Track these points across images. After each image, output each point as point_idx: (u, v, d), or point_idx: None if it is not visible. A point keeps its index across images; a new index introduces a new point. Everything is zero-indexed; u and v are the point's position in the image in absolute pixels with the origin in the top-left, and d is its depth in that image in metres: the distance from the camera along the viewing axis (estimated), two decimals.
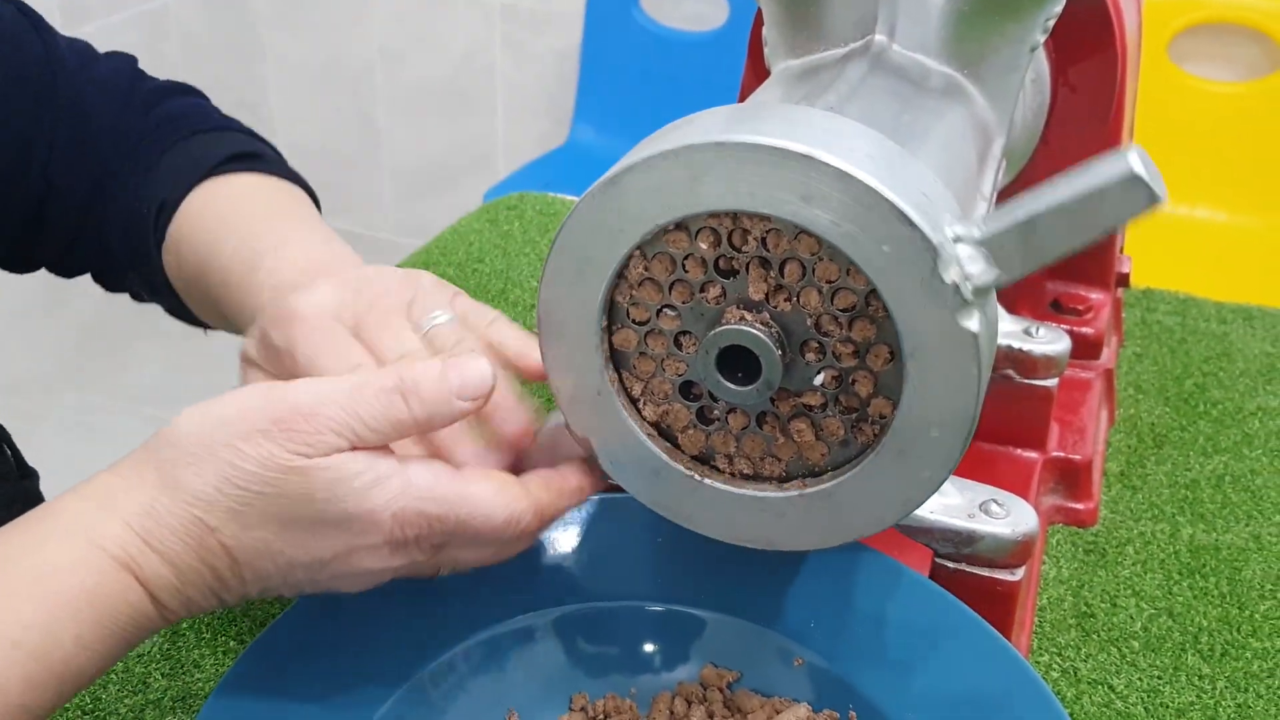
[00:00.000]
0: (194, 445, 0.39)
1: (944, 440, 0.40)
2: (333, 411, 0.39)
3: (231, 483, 0.39)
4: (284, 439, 0.39)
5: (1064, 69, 0.64)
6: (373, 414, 0.40)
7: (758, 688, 0.51)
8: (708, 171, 0.39)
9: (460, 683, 0.46)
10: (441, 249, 0.94)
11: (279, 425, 0.39)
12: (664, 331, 0.44)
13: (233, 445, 0.39)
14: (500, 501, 0.42)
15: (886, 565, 0.51)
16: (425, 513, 0.41)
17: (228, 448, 0.39)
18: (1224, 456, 0.72)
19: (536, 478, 0.45)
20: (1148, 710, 0.55)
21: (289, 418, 0.39)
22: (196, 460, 0.39)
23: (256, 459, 0.39)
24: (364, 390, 0.40)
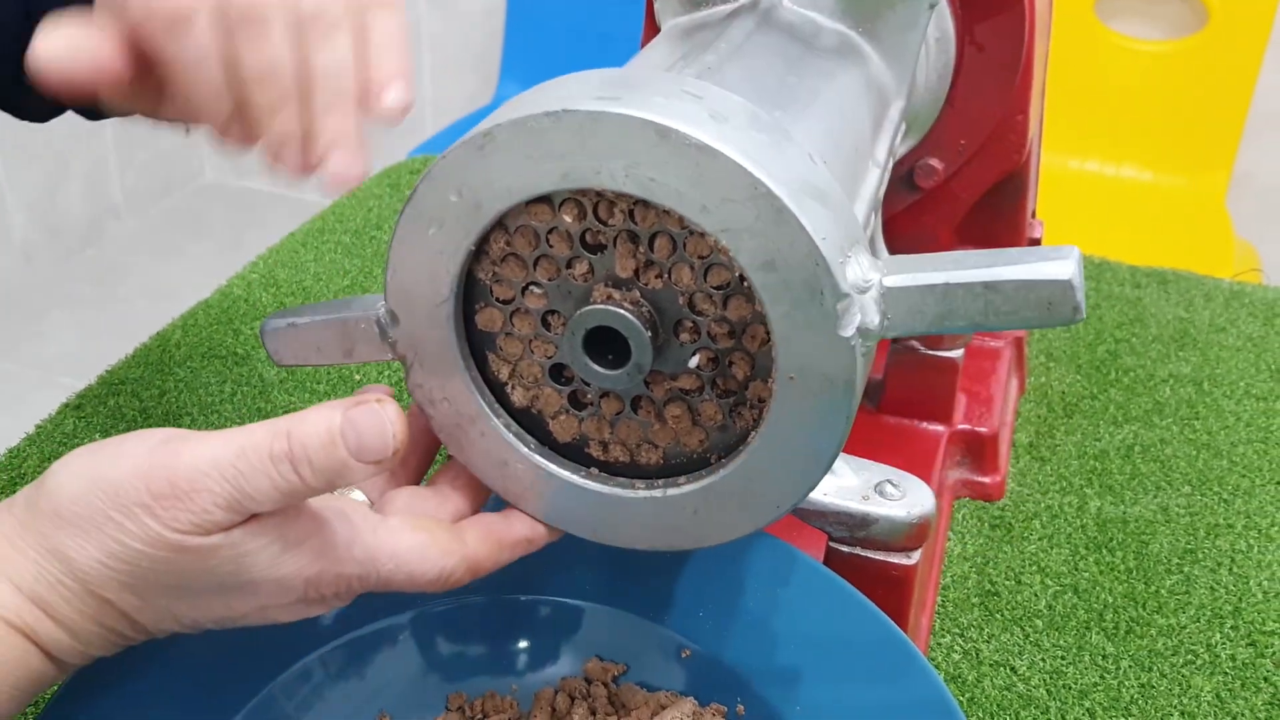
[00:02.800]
0: (75, 514, 0.35)
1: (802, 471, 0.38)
2: (216, 485, 0.35)
3: (118, 559, 0.35)
4: (168, 517, 0.34)
5: (970, 27, 0.62)
6: (259, 487, 0.35)
7: (644, 681, 0.48)
8: (570, 143, 0.36)
9: (318, 691, 0.43)
10: (338, 215, 0.90)
11: (160, 502, 0.34)
12: (530, 311, 0.41)
13: (114, 519, 0.35)
14: (429, 556, 0.39)
15: (779, 550, 0.48)
16: (343, 574, 0.38)
17: (110, 522, 0.35)
18: (1134, 425, 0.70)
19: (476, 527, 0.41)
20: (1050, 693, 0.54)
21: (169, 494, 0.34)
22: (80, 531, 0.35)
23: (141, 537, 0.35)
24: (250, 458, 0.35)
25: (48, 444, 0.68)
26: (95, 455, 0.36)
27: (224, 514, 0.35)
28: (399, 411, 0.36)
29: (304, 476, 0.35)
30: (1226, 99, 1.72)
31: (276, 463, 0.35)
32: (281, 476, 0.35)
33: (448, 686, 0.48)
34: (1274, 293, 0.86)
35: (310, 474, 0.35)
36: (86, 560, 0.35)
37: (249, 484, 0.35)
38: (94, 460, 0.36)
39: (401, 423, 0.36)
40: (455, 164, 0.37)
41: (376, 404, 0.36)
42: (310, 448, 0.35)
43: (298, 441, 0.35)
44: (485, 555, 0.41)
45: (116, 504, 0.35)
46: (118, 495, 0.35)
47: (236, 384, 0.73)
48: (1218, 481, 0.67)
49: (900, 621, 0.49)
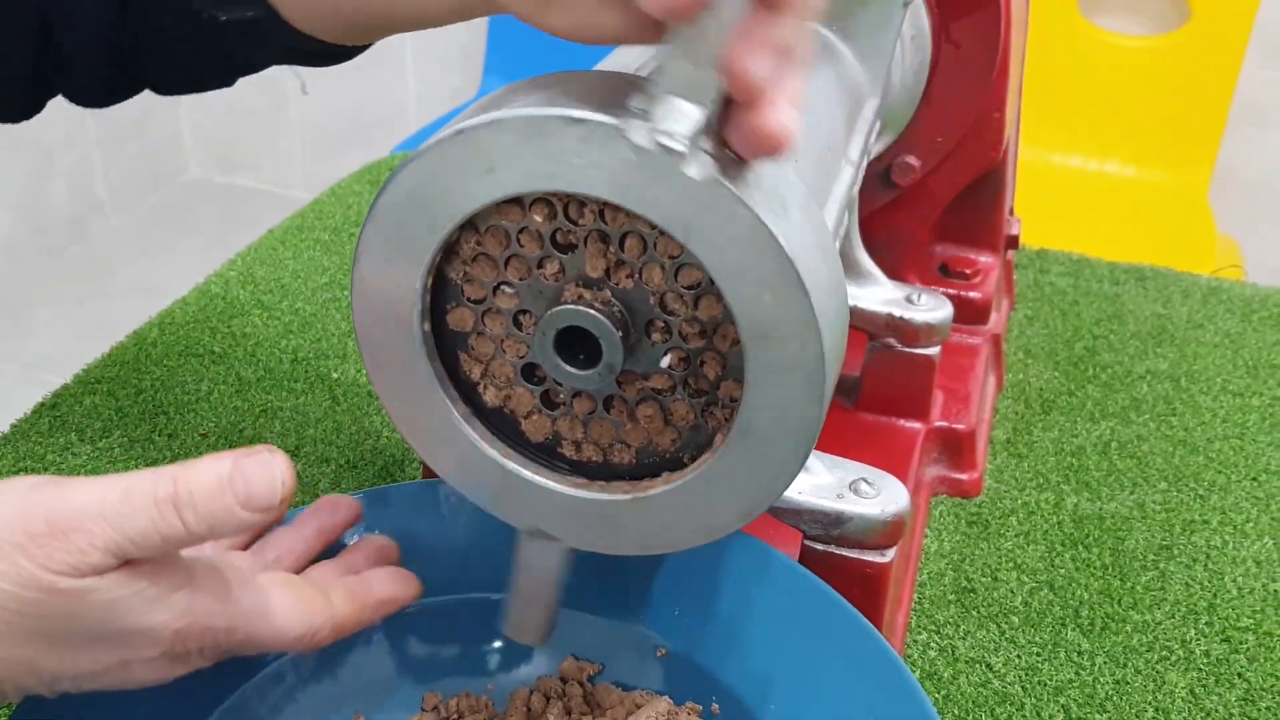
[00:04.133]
0: None
1: (775, 468, 0.38)
2: (96, 526, 0.34)
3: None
4: (42, 556, 0.34)
5: (946, 25, 0.62)
6: (141, 529, 0.34)
7: (620, 680, 0.48)
8: (529, 148, 0.35)
9: (290, 693, 0.43)
10: (318, 213, 0.90)
11: (35, 541, 0.34)
12: (502, 311, 0.41)
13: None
14: (295, 615, 0.39)
15: (754, 549, 0.48)
16: (212, 627, 0.37)
17: None
18: (1111, 422, 0.71)
19: (340, 588, 0.42)
20: (1025, 689, 0.54)
21: (45, 534, 0.34)
22: None
23: (13, 578, 0.34)
24: (133, 500, 0.34)
25: (23, 443, 0.67)
26: None
27: (101, 556, 0.34)
28: (288, 465, 0.36)
29: (187, 521, 0.35)
30: (1209, 94, 1.72)
31: (160, 506, 0.34)
32: (164, 519, 0.34)
33: (422, 687, 0.48)
34: (1251, 289, 0.86)
35: (194, 519, 0.35)
36: None
37: (130, 526, 0.34)
38: None
39: (290, 475, 0.36)
40: (411, 177, 0.37)
41: (268, 455, 0.36)
42: (196, 491, 0.35)
43: (184, 485, 0.35)
44: (349, 615, 0.42)
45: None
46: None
47: (214, 382, 0.73)
48: (1194, 478, 0.67)
49: (875, 619, 0.49)
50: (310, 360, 0.75)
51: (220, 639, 0.38)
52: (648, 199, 0.35)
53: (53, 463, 0.66)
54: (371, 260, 0.39)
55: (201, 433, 0.69)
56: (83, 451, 0.67)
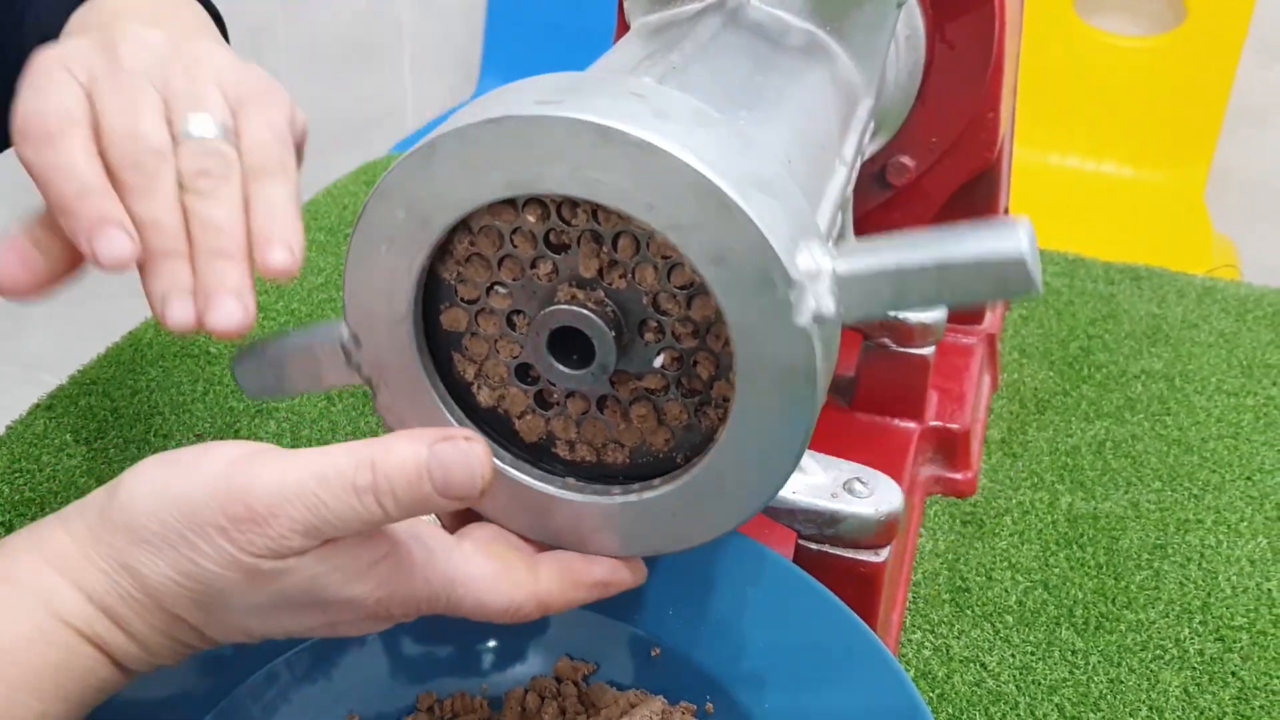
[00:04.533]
0: (148, 529, 0.35)
1: (765, 471, 0.38)
2: (295, 511, 0.34)
3: (192, 577, 0.35)
4: (244, 541, 0.34)
5: (940, 25, 0.62)
6: (341, 514, 0.34)
7: (614, 680, 0.48)
8: (511, 150, 0.35)
9: (285, 693, 0.43)
10: (313, 213, 0.90)
11: (236, 525, 0.34)
12: (495, 311, 0.41)
13: (188, 539, 0.34)
14: (500, 588, 0.39)
15: (748, 549, 0.48)
16: (413, 596, 0.37)
17: (183, 540, 0.34)
18: (1106, 421, 0.71)
19: (553, 563, 0.41)
20: (1019, 688, 0.54)
21: (246, 518, 0.34)
22: (152, 548, 0.35)
23: (215, 559, 0.34)
24: (331, 486, 0.35)
25: (17, 444, 0.67)
26: (171, 468, 0.36)
27: (301, 540, 0.34)
28: (486, 450, 0.36)
29: (386, 508, 0.35)
30: (1205, 95, 1.73)
31: (360, 494, 0.34)
32: (364, 507, 0.34)
33: (417, 687, 0.48)
34: (1246, 289, 0.86)
35: (393, 506, 0.35)
36: (158, 577, 0.35)
37: (330, 512, 0.34)
38: (169, 474, 0.35)
39: (489, 461, 0.36)
40: (401, 179, 0.37)
41: (465, 441, 0.36)
42: (395, 481, 0.35)
43: (383, 474, 0.35)
44: (558, 593, 0.40)
45: (191, 524, 0.34)
46: (193, 515, 0.34)
47: (209, 383, 0.73)
48: (1188, 477, 0.67)
49: (869, 618, 0.49)
50: None
51: (422, 606, 0.38)
52: (650, 207, 0.35)
53: (48, 464, 0.66)
54: (364, 260, 0.39)
55: (197, 434, 0.69)
56: (78, 453, 0.67)
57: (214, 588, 0.35)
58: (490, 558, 0.39)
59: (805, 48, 0.50)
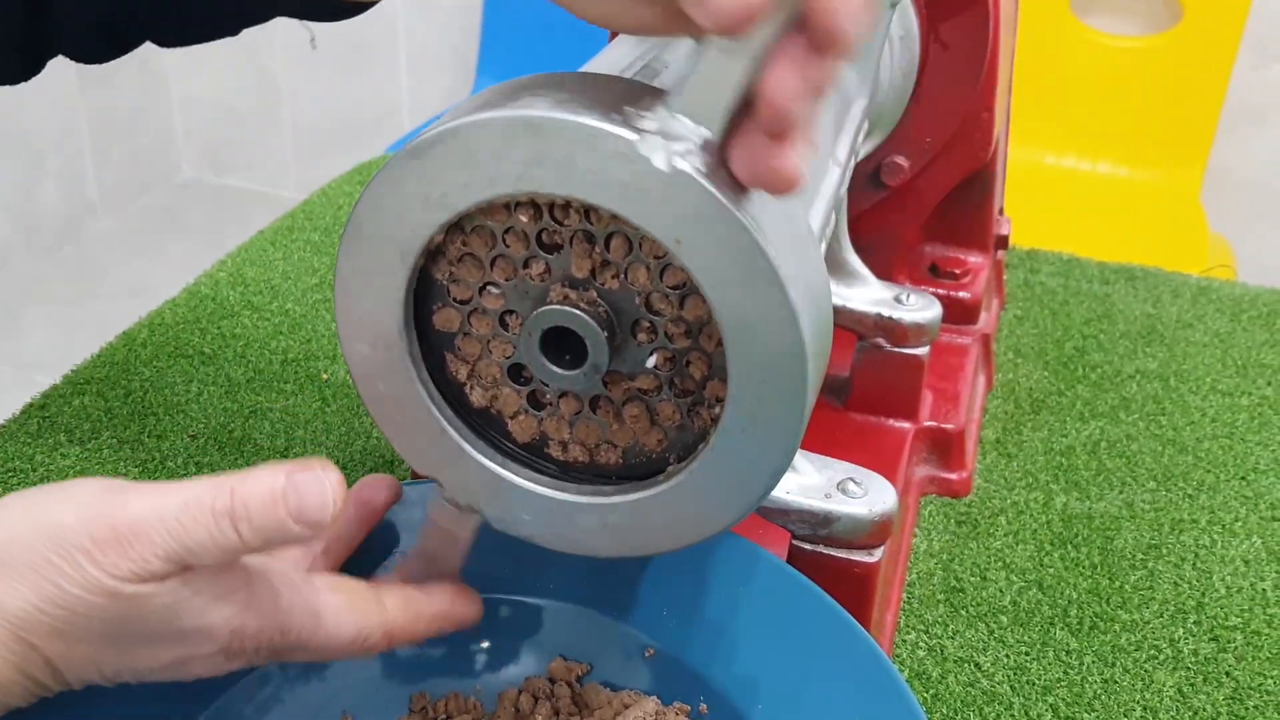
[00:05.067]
0: (11, 555, 0.36)
1: (759, 469, 0.38)
2: (158, 536, 0.35)
3: (53, 602, 0.35)
4: (108, 563, 0.35)
5: (935, 25, 0.62)
6: (200, 540, 0.36)
7: (608, 681, 0.48)
8: (514, 148, 0.35)
9: (277, 694, 0.43)
10: (308, 213, 0.90)
11: (100, 547, 0.35)
12: (488, 311, 0.40)
13: (52, 563, 0.35)
14: (348, 619, 0.40)
15: (742, 549, 0.48)
16: (265, 627, 0.38)
17: (49, 565, 0.35)
18: (1100, 421, 0.71)
19: (396, 595, 0.42)
20: (1014, 688, 0.54)
21: (109, 540, 0.35)
22: (15, 574, 0.35)
23: (79, 581, 0.35)
24: (192, 511, 0.36)
25: (11, 444, 0.67)
26: (37, 498, 0.37)
27: (162, 564, 0.35)
28: (340, 480, 0.37)
29: (242, 533, 0.36)
30: (1201, 94, 1.73)
31: (218, 518, 0.36)
32: (221, 532, 0.36)
33: (410, 687, 0.47)
34: (1241, 289, 0.86)
35: (249, 531, 0.36)
36: (19, 603, 0.35)
37: (189, 537, 0.36)
38: (34, 502, 0.36)
39: (341, 491, 0.37)
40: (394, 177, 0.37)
41: (320, 470, 0.37)
42: (251, 506, 0.36)
43: (240, 499, 0.36)
44: (403, 624, 0.42)
45: (58, 547, 0.35)
46: (60, 539, 0.35)
47: (203, 383, 0.73)
48: (1182, 477, 0.67)
49: (863, 618, 0.49)
50: (300, 361, 0.75)
51: (275, 640, 0.39)
52: (644, 210, 0.35)
53: (41, 464, 0.66)
54: (355, 261, 0.39)
55: (191, 434, 0.69)
56: (71, 453, 0.67)
57: (75, 613, 0.35)
58: (338, 591, 0.40)
59: None
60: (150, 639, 0.37)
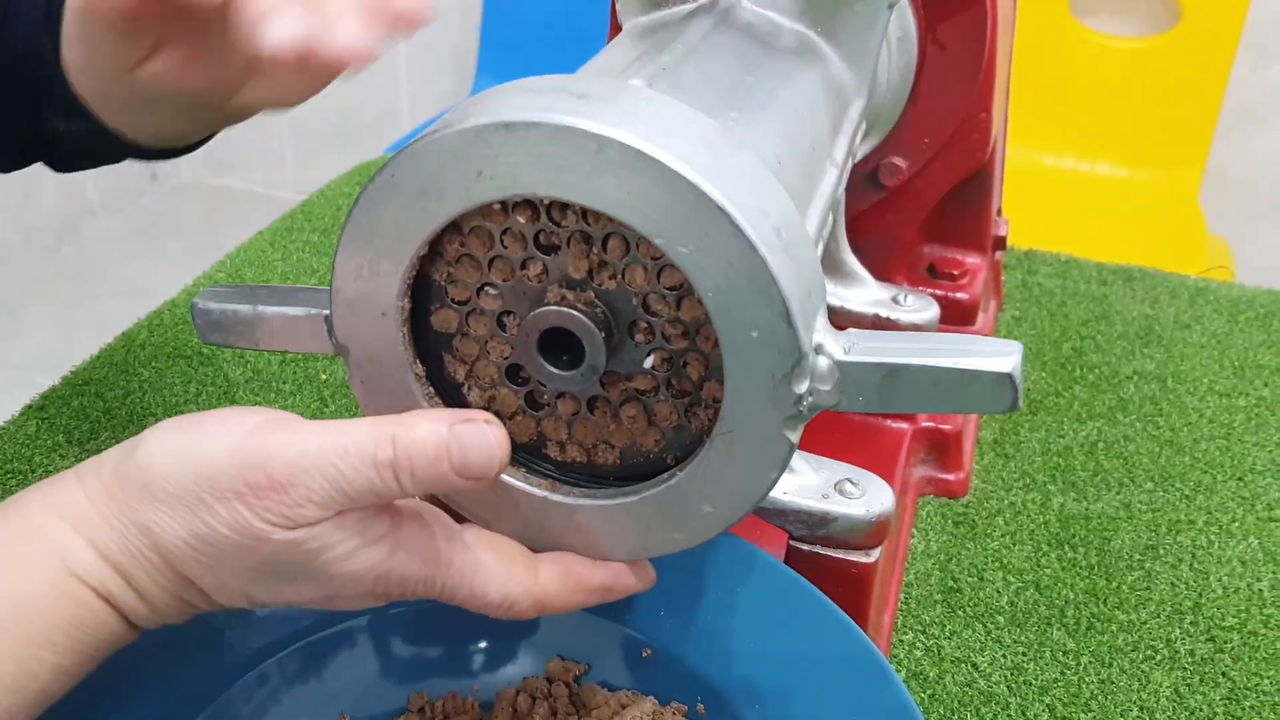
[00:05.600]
0: (165, 490, 0.35)
1: (718, 517, 0.39)
2: (314, 482, 0.35)
3: (204, 540, 0.35)
4: (261, 508, 0.35)
5: (932, 26, 0.62)
6: (359, 488, 0.35)
7: (605, 681, 0.48)
8: (513, 151, 0.35)
9: (275, 694, 0.43)
10: (306, 214, 0.90)
11: (255, 492, 0.35)
12: (486, 312, 0.41)
13: (205, 502, 0.35)
14: (495, 579, 0.39)
15: (739, 549, 0.48)
16: (410, 576, 0.38)
17: (200, 504, 0.35)
18: (1098, 422, 0.71)
19: (555, 564, 0.41)
20: (1010, 689, 0.54)
21: (265, 486, 0.35)
22: (167, 508, 0.35)
23: (230, 523, 0.35)
24: (351, 459, 0.35)
25: (9, 446, 0.67)
26: (192, 432, 0.36)
27: (316, 510, 0.35)
28: (504, 433, 0.37)
29: (404, 484, 0.36)
30: (1199, 96, 1.73)
31: (379, 468, 0.35)
32: (382, 481, 0.35)
33: (408, 688, 0.48)
34: (1238, 290, 0.86)
35: (410, 482, 0.36)
36: (171, 538, 0.35)
37: (348, 484, 0.35)
38: (190, 438, 0.36)
39: (506, 445, 0.37)
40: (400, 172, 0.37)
41: (485, 424, 0.37)
42: (415, 458, 0.35)
43: (403, 450, 0.35)
44: (555, 593, 0.40)
45: (210, 488, 0.35)
46: (212, 480, 0.35)
47: (201, 384, 0.73)
48: (1179, 478, 0.67)
49: (860, 619, 0.49)
50: (298, 361, 0.75)
51: (418, 588, 0.38)
52: (644, 215, 0.35)
53: (40, 465, 0.66)
54: (352, 261, 0.39)
55: None
56: (70, 454, 0.67)
57: (224, 551, 0.35)
58: (491, 550, 0.40)
59: (796, 49, 0.50)
60: (298, 579, 0.37)
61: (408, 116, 2.32)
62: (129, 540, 0.36)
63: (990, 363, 0.34)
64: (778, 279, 0.34)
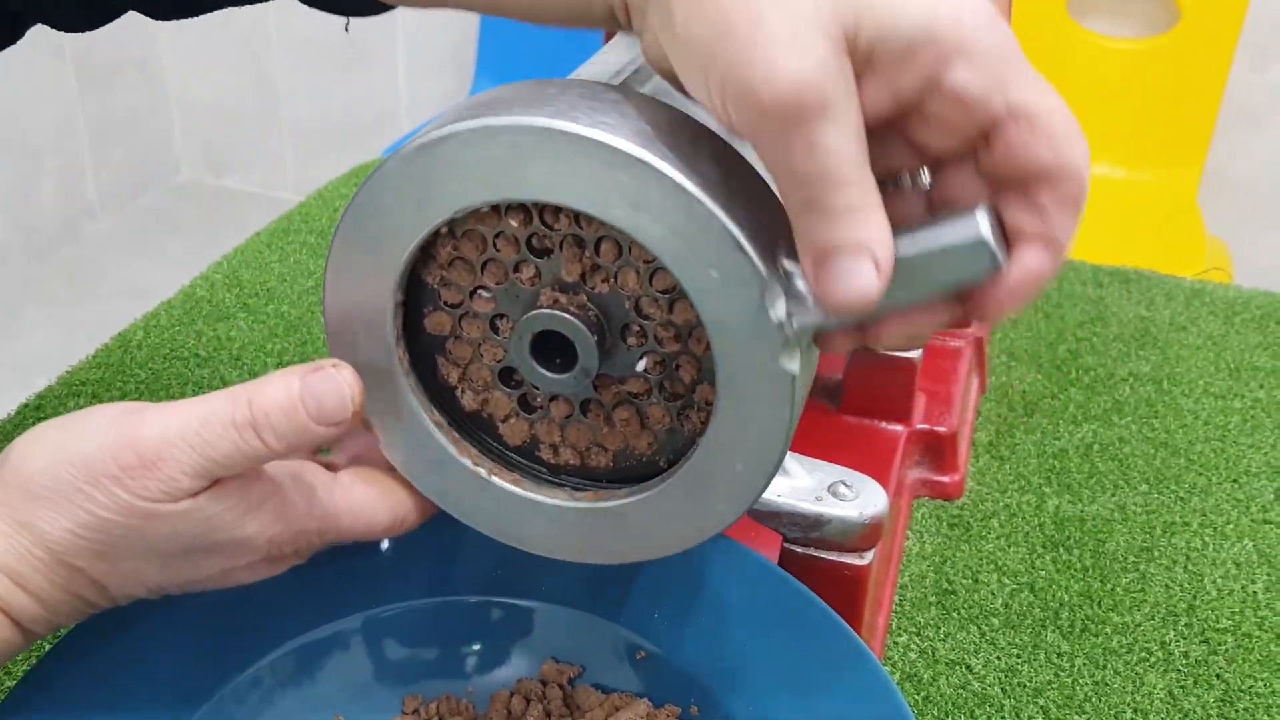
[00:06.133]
0: (44, 487, 0.36)
1: (747, 474, 0.38)
2: (181, 454, 0.36)
3: (89, 527, 0.36)
4: (137, 487, 0.36)
5: None
6: (224, 452, 0.36)
7: (599, 683, 0.48)
8: (527, 156, 0.35)
9: (269, 697, 0.43)
10: (304, 216, 0.90)
11: (127, 471, 0.36)
12: (479, 315, 0.41)
13: (82, 490, 0.36)
14: (383, 507, 0.41)
15: (733, 551, 0.49)
16: (304, 530, 0.39)
17: (78, 492, 0.36)
18: (1093, 424, 0.71)
19: None
20: (1005, 691, 0.54)
21: (136, 465, 0.36)
22: (50, 504, 0.36)
23: (111, 506, 0.36)
24: (212, 426, 0.36)
25: (5, 446, 0.67)
26: (60, 430, 0.37)
27: (191, 480, 0.36)
28: (354, 376, 0.38)
29: (267, 441, 0.37)
30: (1198, 96, 1.73)
31: (240, 429, 0.36)
32: (245, 442, 0.36)
33: (402, 690, 0.48)
34: (1235, 291, 0.87)
35: (274, 438, 0.37)
36: (57, 531, 0.36)
37: (214, 451, 0.36)
38: (59, 435, 0.37)
39: (358, 386, 0.38)
40: (398, 173, 0.37)
41: (333, 369, 0.38)
42: (272, 414, 0.37)
43: (259, 408, 0.37)
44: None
45: (86, 476, 0.36)
46: (87, 468, 0.36)
47: (198, 386, 0.73)
48: (1175, 480, 0.67)
49: (854, 621, 0.49)
50: (295, 363, 0.75)
51: (314, 540, 0.40)
52: (637, 221, 0.35)
53: None
54: (346, 263, 0.39)
55: None
56: None
57: (112, 535, 0.36)
58: (368, 484, 0.41)
59: None
60: (191, 553, 0.38)
61: (406, 118, 2.33)
62: (14, 541, 0.36)
63: (960, 233, 0.33)
64: (714, 212, 0.34)
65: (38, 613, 0.38)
